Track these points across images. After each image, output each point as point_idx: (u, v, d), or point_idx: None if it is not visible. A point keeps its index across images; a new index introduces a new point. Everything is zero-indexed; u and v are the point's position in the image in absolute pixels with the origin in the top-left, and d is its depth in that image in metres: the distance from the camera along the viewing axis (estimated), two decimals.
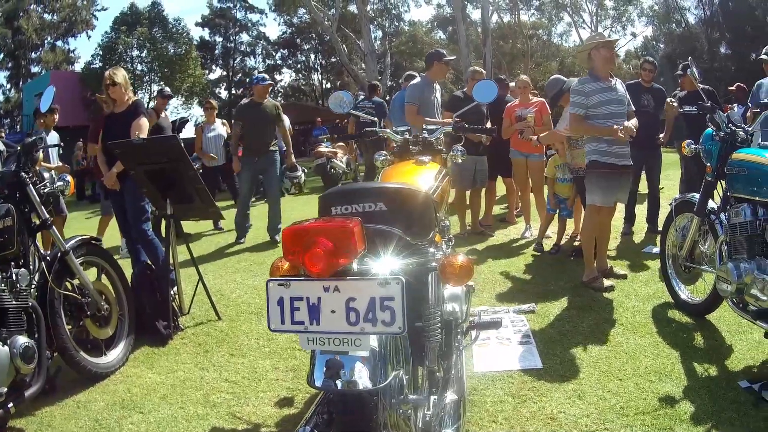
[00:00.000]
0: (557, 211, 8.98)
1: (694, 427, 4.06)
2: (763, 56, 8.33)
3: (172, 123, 12.42)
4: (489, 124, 9.52)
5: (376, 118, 7.59)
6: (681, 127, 9.81)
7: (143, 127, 6.93)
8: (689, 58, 6.36)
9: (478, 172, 9.87)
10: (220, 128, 13.03)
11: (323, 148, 18.43)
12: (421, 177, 3.93)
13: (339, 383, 2.36)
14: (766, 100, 5.94)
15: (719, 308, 5.72)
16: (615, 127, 6.49)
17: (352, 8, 43.08)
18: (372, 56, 36.11)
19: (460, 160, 5.21)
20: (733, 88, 12.15)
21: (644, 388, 4.62)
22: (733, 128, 5.40)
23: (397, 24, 59.55)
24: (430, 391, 3.12)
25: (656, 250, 7.06)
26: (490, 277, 7.71)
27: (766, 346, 5.13)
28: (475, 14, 47.53)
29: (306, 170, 18.92)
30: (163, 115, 11.39)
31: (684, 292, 6.19)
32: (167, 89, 12.82)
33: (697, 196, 5.81)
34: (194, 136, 14.29)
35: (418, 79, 9.54)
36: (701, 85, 8.94)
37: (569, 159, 8.35)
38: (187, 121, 16.37)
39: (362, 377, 2.36)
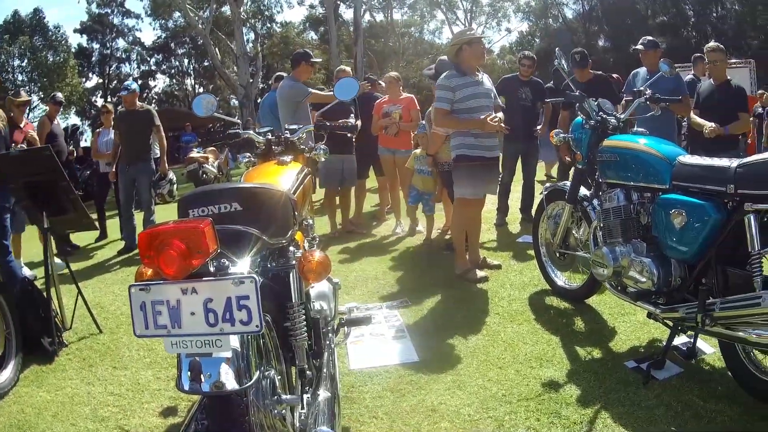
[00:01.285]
0: (418, 204, 8.99)
1: (581, 409, 4.06)
2: (639, 46, 8.44)
3: (64, 130, 11.99)
4: (360, 122, 9.52)
5: (239, 121, 7.34)
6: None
7: None
8: (557, 49, 6.35)
9: (346, 171, 9.77)
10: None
11: (195, 153, 18.23)
12: (282, 177, 3.85)
13: (205, 386, 2.28)
14: (641, 88, 6.02)
15: (600, 292, 5.78)
16: (483, 117, 6.48)
17: (226, 10, 42.56)
18: (244, 59, 36.13)
19: (323, 159, 5.16)
20: (612, 77, 12.30)
21: (526, 375, 4.59)
22: (604, 116, 5.45)
23: (269, 26, 59.26)
24: (303, 390, 3.11)
25: (530, 239, 7.08)
26: (362, 275, 7.61)
27: (651, 326, 5.18)
28: (348, 14, 47.99)
29: (174, 179, 18.60)
30: (55, 122, 11.01)
31: (560, 279, 6.23)
32: (59, 95, 12.31)
33: (568, 184, 5.85)
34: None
35: (285, 81, 9.38)
36: (592, 72, 9.04)
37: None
38: (79, 128, 15.87)
39: (228, 378, 2.29)
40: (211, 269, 2.38)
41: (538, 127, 9.96)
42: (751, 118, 15.79)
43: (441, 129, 7.49)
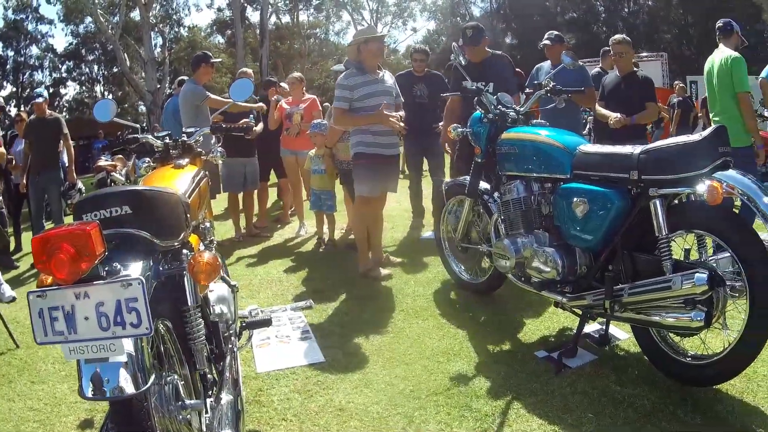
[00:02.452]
0: (321, 207, 8.86)
1: (493, 401, 4.05)
2: (546, 41, 8.42)
3: (2, 137, 11.62)
4: (261, 124, 9.59)
5: (138, 125, 7.19)
6: None
7: None
8: (453, 45, 6.33)
9: (248, 174, 9.70)
10: None
11: (103, 161, 17.92)
12: (177, 180, 3.78)
13: (105, 391, 2.29)
14: (542, 81, 6.04)
15: (507, 283, 5.74)
16: (382, 110, 6.46)
17: (135, 15, 41.90)
18: (152, 64, 35.77)
19: (220, 161, 5.17)
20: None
21: (433, 370, 4.58)
22: (503, 109, 5.47)
23: (177, 30, 58.42)
24: (206, 394, 3.07)
25: (434, 235, 7.05)
26: (266, 278, 7.50)
27: (560, 316, 5.24)
28: (255, 17, 47.72)
29: (83, 189, 18.27)
30: None
31: (465, 273, 6.24)
32: (1, 100, 11.92)
33: (468, 178, 5.86)
34: None
35: (185, 84, 9.25)
36: (490, 51, 8.86)
37: (335, 152, 8.33)
38: (17, 135, 15.52)
39: (125, 383, 2.30)
40: (103, 273, 2.37)
41: (440, 123, 9.84)
42: (667, 108, 16.66)
43: (340, 127, 7.47)
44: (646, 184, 3.96)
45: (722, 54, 6.70)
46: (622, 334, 4.86)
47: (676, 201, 4.05)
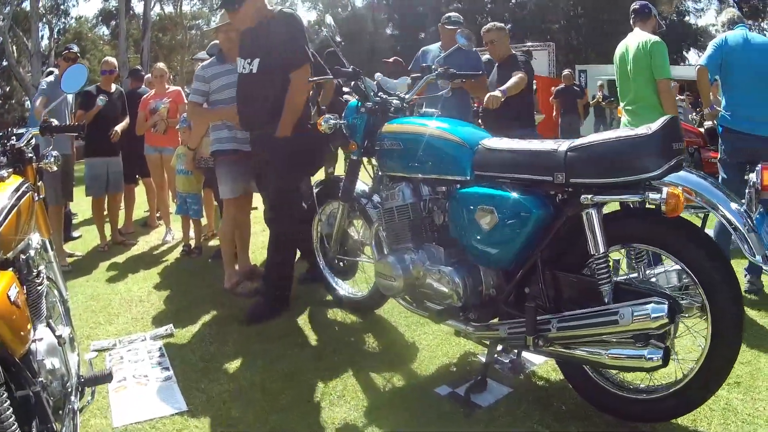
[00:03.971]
0: (186, 211, 8.18)
1: None
2: (450, 27, 7.63)
3: None
4: (127, 119, 9.02)
5: None
6: None
7: None
8: (326, 17, 5.67)
9: (111, 175, 8.92)
10: None
11: None
12: None
13: None
14: (431, 64, 5.29)
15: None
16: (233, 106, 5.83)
17: (27, 5, 40.64)
18: (38, 57, 34.96)
19: (54, 168, 4.26)
20: (390, 60, 11.73)
21: (314, 419, 3.78)
22: (384, 97, 4.71)
23: (65, 21, 57.06)
24: None
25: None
26: (126, 297, 6.61)
27: (461, 338, 4.50)
28: (140, 7, 47.15)
29: None
30: None
31: (343, 288, 5.54)
32: None
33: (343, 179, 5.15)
34: None
35: (51, 77, 8.58)
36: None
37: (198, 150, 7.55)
38: None
39: None
40: None
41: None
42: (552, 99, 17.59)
43: (193, 122, 7.09)
44: (576, 189, 3.25)
45: (640, 38, 6.15)
46: (536, 357, 4.17)
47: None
